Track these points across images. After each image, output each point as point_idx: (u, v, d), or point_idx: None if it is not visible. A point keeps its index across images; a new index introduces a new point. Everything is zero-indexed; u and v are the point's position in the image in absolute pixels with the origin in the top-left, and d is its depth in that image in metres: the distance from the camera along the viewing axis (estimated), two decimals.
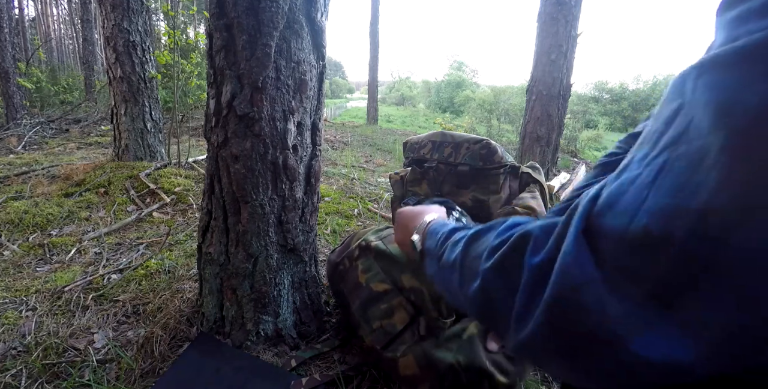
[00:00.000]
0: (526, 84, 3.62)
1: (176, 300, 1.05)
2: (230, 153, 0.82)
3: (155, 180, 2.10)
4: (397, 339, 0.76)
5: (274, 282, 0.90)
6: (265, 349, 0.89)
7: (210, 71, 0.82)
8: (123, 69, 2.37)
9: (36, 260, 1.35)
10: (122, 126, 2.44)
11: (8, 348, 0.89)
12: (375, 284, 0.82)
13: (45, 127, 4.45)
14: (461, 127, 9.68)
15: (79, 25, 9.43)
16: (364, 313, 0.82)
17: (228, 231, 0.87)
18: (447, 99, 31.69)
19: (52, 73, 8.34)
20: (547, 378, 0.89)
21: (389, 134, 6.09)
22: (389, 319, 0.78)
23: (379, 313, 0.79)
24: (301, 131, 0.86)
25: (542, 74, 3.30)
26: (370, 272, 0.85)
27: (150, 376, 0.82)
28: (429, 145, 1.17)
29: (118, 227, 1.62)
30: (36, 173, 2.32)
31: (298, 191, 0.88)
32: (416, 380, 0.72)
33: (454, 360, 0.70)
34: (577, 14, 3.19)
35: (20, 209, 1.69)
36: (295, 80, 0.81)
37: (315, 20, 0.81)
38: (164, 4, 7.21)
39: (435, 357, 0.71)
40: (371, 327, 0.79)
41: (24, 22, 13.24)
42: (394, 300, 0.79)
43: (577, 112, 11.19)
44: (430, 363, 0.71)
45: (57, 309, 1.04)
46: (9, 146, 3.51)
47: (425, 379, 0.71)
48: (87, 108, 5.87)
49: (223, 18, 0.76)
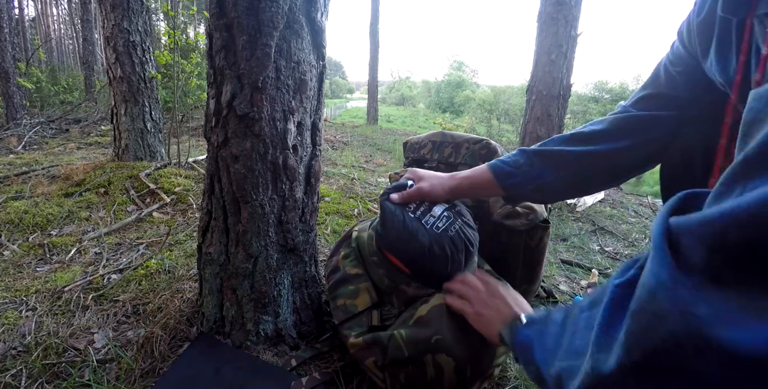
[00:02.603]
0: (526, 84, 3.62)
1: (176, 300, 1.05)
2: (230, 153, 0.82)
3: (155, 180, 2.10)
4: (353, 319, 0.81)
5: (274, 282, 0.90)
6: (265, 349, 0.89)
7: (210, 71, 0.82)
8: (123, 69, 2.37)
9: (36, 260, 1.35)
10: (122, 126, 2.44)
11: (8, 348, 0.89)
12: (349, 268, 0.89)
13: (45, 127, 4.45)
14: (461, 127, 9.68)
15: (79, 25, 9.43)
16: (334, 291, 0.88)
17: (228, 231, 0.87)
18: (447, 99, 31.69)
19: (52, 73, 8.34)
20: None
21: (389, 134, 6.09)
22: (353, 300, 0.84)
23: (345, 293, 0.85)
24: (301, 131, 0.86)
25: (542, 74, 3.29)
26: (348, 258, 0.91)
27: (150, 376, 0.82)
28: (429, 145, 1.17)
29: (118, 227, 1.62)
30: (36, 173, 2.32)
31: (298, 191, 0.88)
32: (363, 355, 0.76)
33: (396, 332, 0.73)
34: (577, 14, 3.19)
35: (20, 209, 1.69)
36: (295, 80, 0.81)
37: (315, 20, 0.81)
38: (164, 4, 7.21)
39: (378, 334, 0.75)
40: (336, 304, 0.85)
41: (24, 22, 13.24)
42: (362, 284, 0.85)
43: (577, 112, 11.18)
44: (374, 339, 0.75)
45: (57, 309, 1.04)
46: (9, 146, 3.51)
47: (371, 353, 0.75)
48: (87, 108, 5.87)
49: (223, 18, 0.76)
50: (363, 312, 0.81)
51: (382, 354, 0.73)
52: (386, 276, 0.83)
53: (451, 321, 0.71)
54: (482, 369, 0.69)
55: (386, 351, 0.72)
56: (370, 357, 0.74)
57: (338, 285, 0.88)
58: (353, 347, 0.77)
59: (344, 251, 0.94)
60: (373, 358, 0.74)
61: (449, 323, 0.71)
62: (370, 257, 0.86)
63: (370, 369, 0.75)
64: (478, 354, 0.69)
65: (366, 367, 0.76)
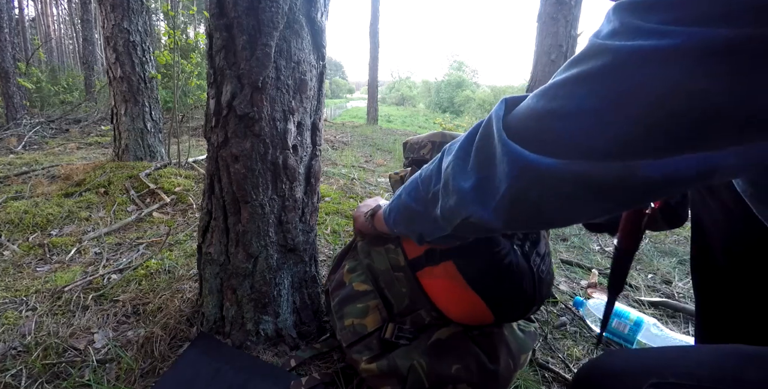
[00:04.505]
0: (526, 84, 3.61)
1: (176, 300, 1.05)
2: (230, 153, 0.82)
3: (155, 180, 2.10)
4: (363, 340, 0.76)
5: (274, 282, 0.90)
6: (265, 349, 0.89)
7: (210, 71, 0.82)
8: (123, 69, 2.37)
9: (36, 260, 1.35)
10: (122, 126, 2.44)
11: (8, 348, 0.89)
12: (357, 284, 0.83)
13: (45, 127, 4.45)
14: (461, 127, 9.67)
15: (79, 25, 9.43)
16: (340, 309, 0.82)
17: (228, 231, 0.87)
18: (447, 99, 31.69)
19: (52, 73, 8.34)
20: (547, 379, 0.89)
21: (389, 134, 6.09)
22: (361, 319, 0.78)
23: (354, 311, 0.79)
24: (301, 131, 0.86)
25: (542, 74, 3.30)
26: (355, 273, 0.85)
27: (150, 376, 0.82)
28: (429, 145, 1.17)
29: (118, 227, 1.62)
30: (36, 173, 2.32)
31: (298, 191, 0.88)
32: (377, 383, 0.73)
33: (416, 362, 0.70)
34: (577, 14, 3.19)
35: (20, 209, 1.69)
36: (295, 80, 0.81)
37: (315, 20, 0.81)
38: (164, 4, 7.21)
39: (395, 363, 0.71)
40: (343, 324, 0.80)
41: (24, 22, 13.24)
42: (371, 302, 0.79)
43: None
44: (391, 369, 0.71)
45: (57, 309, 1.04)
46: (9, 146, 3.51)
47: (387, 382, 0.71)
48: (87, 108, 5.86)
49: (223, 18, 0.76)
50: (374, 333, 0.76)
51: (399, 385, 0.70)
52: (408, 297, 0.75)
53: (473, 346, 0.70)
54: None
55: (404, 382, 0.69)
56: (386, 386, 0.72)
57: (345, 303, 0.82)
58: (366, 372, 0.74)
59: (349, 264, 0.88)
60: (389, 387, 0.71)
61: (471, 349, 0.70)
62: (392, 273, 0.78)
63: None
64: (496, 381, 0.69)
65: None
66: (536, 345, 0.99)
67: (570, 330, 1.08)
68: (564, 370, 0.91)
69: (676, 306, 1.19)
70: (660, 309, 1.20)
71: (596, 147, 0.31)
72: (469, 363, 0.69)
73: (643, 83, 0.27)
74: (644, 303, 1.22)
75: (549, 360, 0.95)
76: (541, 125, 0.34)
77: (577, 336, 1.05)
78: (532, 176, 0.35)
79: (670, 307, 1.20)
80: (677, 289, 1.34)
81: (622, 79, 0.28)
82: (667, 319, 1.16)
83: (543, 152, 0.34)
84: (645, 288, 1.32)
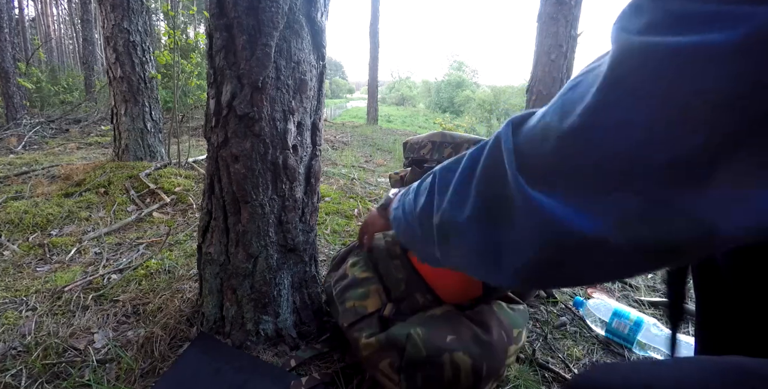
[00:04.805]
0: (526, 84, 3.62)
1: (176, 300, 1.05)
2: (230, 153, 0.82)
3: (155, 180, 2.10)
4: (364, 320, 0.79)
5: (274, 282, 0.90)
6: (265, 349, 0.89)
7: (210, 71, 0.82)
8: (123, 69, 2.37)
9: (36, 260, 1.35)
10: (122, 126, 2.44)
11: (8, 348, 0.89)
12: (358, 273, 0.88)
13: (45, 127, 4.45)
14: (461, 127, 9.68)
15: (79, 25, 9.43)
16: (342, 295, 0.86)
17: (228, 231, 0.87)
18: (447, 99, 31.68)
19: (52, 73, 8.34)
20: (547, 379, 0.89)
21: (389, 134, 6.09)
22: (362, 301, 0.82)
23: (355, 295, 0.84)
24: (301, 131, 0.86)
25: (542, 74, 3.30)
26: (357, 265, 0.90)
27: (150, 376, 0.82)
28: (429, 145, 1.17)
29: (118, 227, 1.62)
30: (36, 173, 2.32)
31: (298, 191, 0.88)
32: (378, 357, 0.73)
33: (412, 331, 0.71)
34: (577, 14, 3.19)
35: (20, 209, 1.69)
36: (295, 80, 0.81)
37: (315, 20, 0.81)
38: (164, 4, 7.22)
39: (393, 334, 0.73)
40: (345, 307, 0.83)
41: (24, 22, 13.24)
42: (372, 286, 0.84)
43: None
44: (389, 340, 0.73)
45: (57, 309, 1.04)
46: (9, 146, 3.51)
47: (385, 356, 0.72)
48: (87, 108, 5.86)
49: (223, 18, 0.76)
50: (374, 313, 0.80)
51: (398, 355, 0.71)
52: (404, 282, 0.82)
53: (465, 320, 0.73)
54: (496, 366, 0.70)
55: (403, 352, 0.70)
56: (386, 359, 0.72)
57: (347, 289, 0.86)
58: (366, 348, 0.74)
59: (352, 259, 0.93)
60: (388, 360, 0.71)
61: (464, 322, 0.73)
62: (389, 261, 0.85)
63: (384, 373, 0.72)
64: (491, 352, 0.70)
65: (379, 371, 0.73)
66: (533, 338, 0.99)
67: (570, 330, 1.08)
68: (564, 370, 0.91)
69: None
70: (660, 309, 1.20)
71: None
72: (463, 334, 0.71)
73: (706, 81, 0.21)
74: (644, 303, 1.22)
75: (549, 360, 0.95)
76: (572, 150, 0.26)
77: (577, 336, 1.05)
78: (571, 245, 0.26)
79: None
80: None
81: (684, 79, 0.22)
82: (667, 319, 1.16)
83: (579, 206, 0.26)
84: (645, 288, 1.32)
